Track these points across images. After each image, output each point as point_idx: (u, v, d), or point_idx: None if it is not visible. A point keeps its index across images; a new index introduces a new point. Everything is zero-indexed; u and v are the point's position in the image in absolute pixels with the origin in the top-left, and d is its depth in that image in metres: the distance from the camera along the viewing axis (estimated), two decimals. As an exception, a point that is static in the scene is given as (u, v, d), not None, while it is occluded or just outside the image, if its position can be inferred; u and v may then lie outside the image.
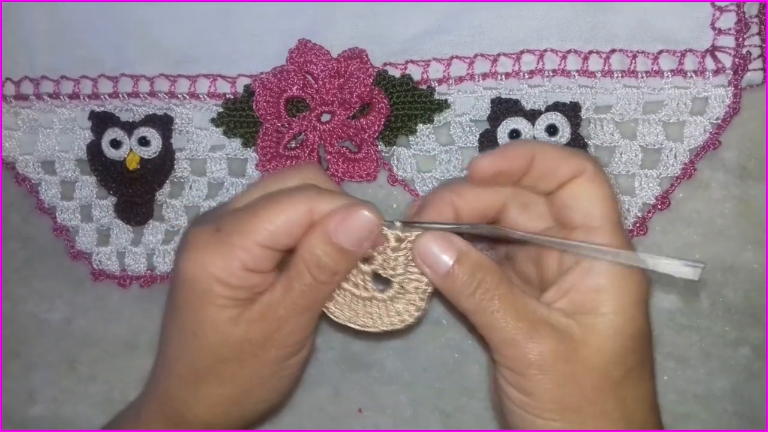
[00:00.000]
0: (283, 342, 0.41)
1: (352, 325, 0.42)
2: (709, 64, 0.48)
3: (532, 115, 0.50)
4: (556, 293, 0.39)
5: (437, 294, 0.52)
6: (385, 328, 0.42)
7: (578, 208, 0.39)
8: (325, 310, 0.42)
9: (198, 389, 0.42)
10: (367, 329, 0.42)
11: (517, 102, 0.51)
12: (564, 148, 0.42)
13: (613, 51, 0.49)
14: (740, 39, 0.48)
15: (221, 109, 0.54)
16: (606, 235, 0.38)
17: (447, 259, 0.38)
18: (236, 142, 0.55)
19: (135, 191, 0.56)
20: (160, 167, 0.55)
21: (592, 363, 0.37)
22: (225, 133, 0.55)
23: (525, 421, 0.38)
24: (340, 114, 0.52)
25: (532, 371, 0.37)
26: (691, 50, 0.49)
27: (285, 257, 0.41)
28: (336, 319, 0.42)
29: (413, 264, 0.40)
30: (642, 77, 0.49)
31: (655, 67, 0.49)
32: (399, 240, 0.40)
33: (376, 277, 0.42)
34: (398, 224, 0.39)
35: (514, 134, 0.50)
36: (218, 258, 0.38)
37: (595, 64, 0.50)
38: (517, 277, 0.44)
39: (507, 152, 0.40)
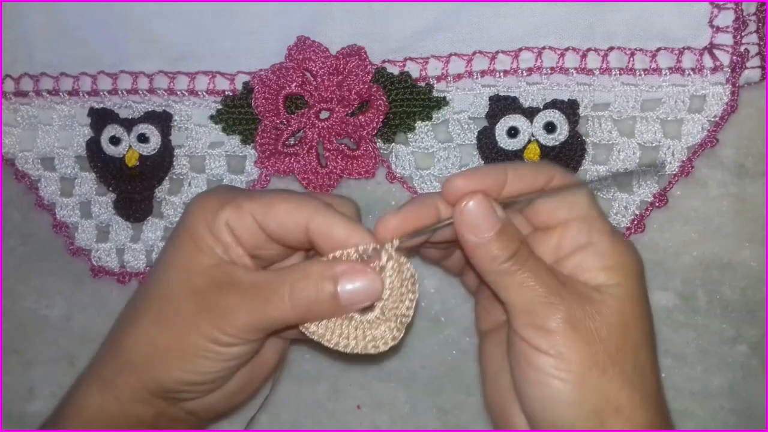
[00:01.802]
0: (220, 323, 0.40)
1: (324, 343, 0.41)
2: (707, 61, 0.49)
3: (530, 113, 0.50)
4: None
5: (437, 292, 0.53)
6: (357, 352, 0.41)
7: (555, 208, 0.40)
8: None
9: (136, 319, 0.42)
10: (338, 349, 0.41)
11: (515, 99, 0.51)
12: (535, 163, 0.43)
13: (611, 49, 0.50)
14: (738, 37, 0.48)
15: (220, 106, 0.55)
16: (583, 222, 0.40)
17: (490, 225, 0.38)
18: (235, 139, 0.55)
19: (134, 188, 0.56)
20: (159, 164, 0.56)
21: (615, 322, 0.38)
22: (224, 130, 0.55)
23: (549, 388, 0.38)
24: (339, 111, 0.52)
25: (565, 327, 0.37)
26: (689, 48, 0.49)
27: (263, 252, 0.42)
28: (309, 335, 0.41)
29: (403, 288, 0.40)
30: (640, 75, 0.49)
31: (653, 65, 0.49)
32: (391, 260, 0.39)
33: None
34: (396, 242, 0.39)
35: (513, 131, 0.50)
36: (215, 204, 0.41)
37: (593, 61, 0.50)
38: None
39: (480, 171, 0.40)
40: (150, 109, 0.56)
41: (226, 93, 0.55)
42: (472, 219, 0.38)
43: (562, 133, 0.50)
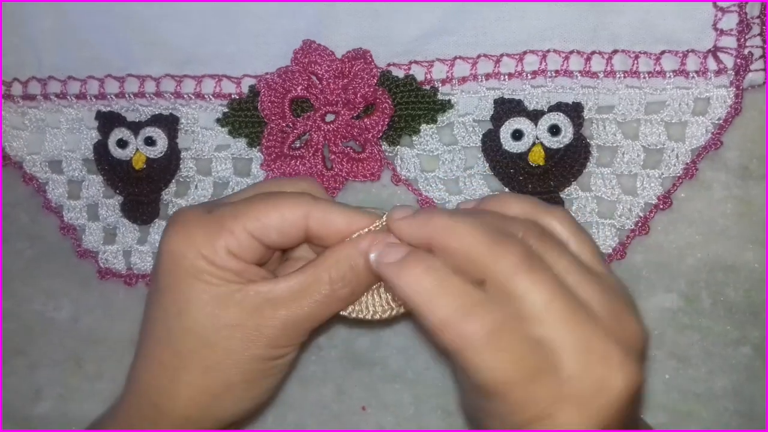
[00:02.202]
0: (276, 341, 0.40)
1: (368, 318, 0.41)
2: (711, 64, 0.49)
3: (534, 116, 0.50)
4: None
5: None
6: (378, 317, 0.41)
7: None
8: None
9: (179, 376, 0.40)
10: (384, 317, 0.41)
11: (519, 102, 0.51)
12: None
13: (615, 52, 0.50)
14: (742, 40, 0.48)
15: (226, 110, 0.55)
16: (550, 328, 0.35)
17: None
18: (241, 142, 0.55)
19: (141, 190, 0.56)
20: (166, 167, 0.56)
21: None
22: (230, 133, 0.55)
23: None
24: (345, 114, 0.52)
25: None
26: (693, 51, 0.49)
27: (267, 258, 0.41)
28: (351, 315, 0.41)
29: None
30: (644, 78, 0.49)
31: (658, 68, 0.49)
32: None
33: None
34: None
35: (517, 134, 0.50)
36: (205, 235, 0.38)
37: (597, 64, 0.50)
38: None
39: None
40: (157, 113, 0.56)
41: (233, 96, 0.55)
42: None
43: (567, 135, 0.50)
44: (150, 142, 0.56)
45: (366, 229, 0.39)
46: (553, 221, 0.38)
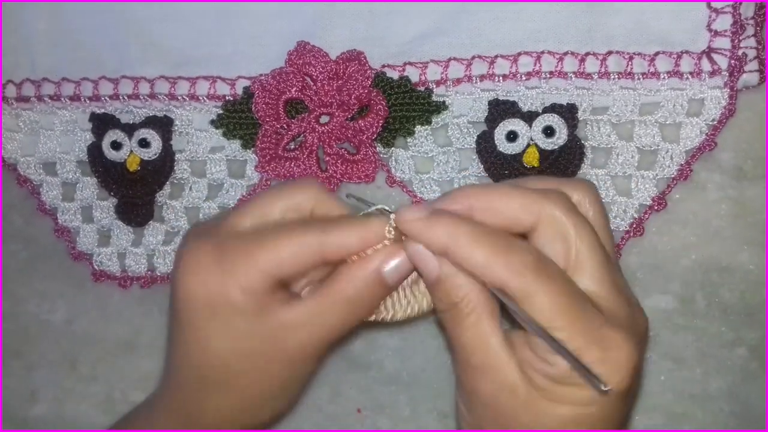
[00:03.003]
0: (298, 358, 0.40)
1: (391, 319, 0.41)
2: (705, 65, 0.49)
3: (529, 117, 0.50)
4: None
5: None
6: (424, 309, 0.41)
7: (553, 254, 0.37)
8: None
9: (207, 399, 0.41)
10: (406, 317, 0.41)
11: (514, 104, 0.51)
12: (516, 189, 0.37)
13: (609, 53, 0.50)
14: (736, 41, 0.48)
15: (221, 111, 0.55)
16: (589, 278, 0.36)
17: (428, 271, 0.37)
18: (236, 144, 0.55)
19: (135, 192, 0.56)
20: (160, 169, 0.56)
21: None
22: (224, 134, 0.55)
23: None
24: (339, 116, 0.52)
25: None
26: (687, 52, 0.49)
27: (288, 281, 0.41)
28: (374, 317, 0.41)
29: None
30: (638, 79, 0.49)
31: (652, 69, 0.49)
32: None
33: None
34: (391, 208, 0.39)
35: (512, 136, 0.50)
36: (217, 275, 0.38)
37: (591, 65, 0.50)
38: None
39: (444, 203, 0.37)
40: (151, 114, 0.56)
41: (227, 98, 0.55)
42: (414, 262, 0.38)
43: (561, 137, 0.50)
44: (144, 143, 0.55)
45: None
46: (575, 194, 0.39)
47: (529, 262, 0.35)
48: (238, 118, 0.54)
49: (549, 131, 0.50)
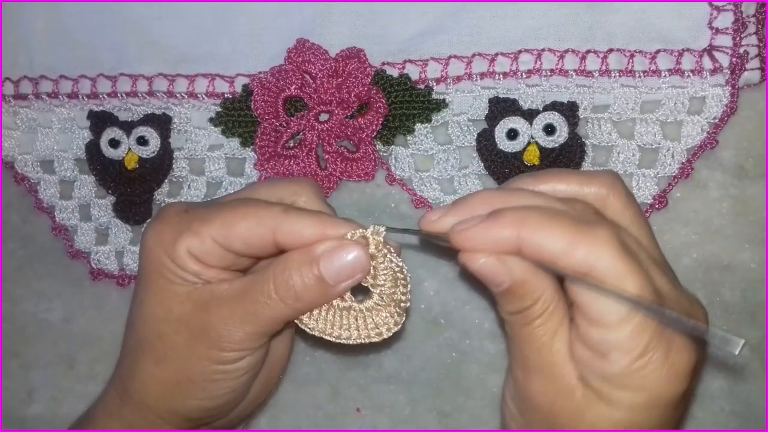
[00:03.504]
0: (219, 342, 0.40)
1: (327, 338, 0.40)
2: (707, 63, 0.48)
3: (529, 115, 0.50)
4: None
5: (436, 294, 0.53)
6: (360, 341, 0.40)
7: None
8: (297, 321, 0.41)
9: (137, 362, 0.42)
10: (340, 341, 0.40)
11: (514, 101, 0.51)
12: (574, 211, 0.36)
13: (610, 50, 0.50)
14: (737, 38, 0.48)
15: (220, 109, 0.55)
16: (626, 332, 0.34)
17: (497, 282, 0.36)
18: (234, 142, 0.55)
19: (133, 190, 0.56)
20: (159, 166, 0.56)
21: None
22: (223, 132, 0.55)
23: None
24: (338, 113, 0.52)
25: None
26: (688, 50, 0.49)
27: (248, 264, 0.41)
28: (309, 331, 0.41)
29: (397, 274, 0.39)
30: (639, 77, 0.49)
31: (653, 67, 0.49)
32: (379, 247, 0.39)
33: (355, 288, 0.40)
34: (382, 229, 0.38)
35: (512, 133, 0.50)
36: (172, 233, 0.39)
37: (592, 63, 0.50)
38: None
39: (497, 222, 0.35)
40: (149, 112, 0.56)
41: (226, 95, 0.55)
42: (482, 276, 0.36)
43: (562, 134, 0.50)
44: (142, 141, 0.55)
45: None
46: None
47: (613, 240, 0.33)
48: (237, 116, 0.54)
49: (550, 129, 0.50)
